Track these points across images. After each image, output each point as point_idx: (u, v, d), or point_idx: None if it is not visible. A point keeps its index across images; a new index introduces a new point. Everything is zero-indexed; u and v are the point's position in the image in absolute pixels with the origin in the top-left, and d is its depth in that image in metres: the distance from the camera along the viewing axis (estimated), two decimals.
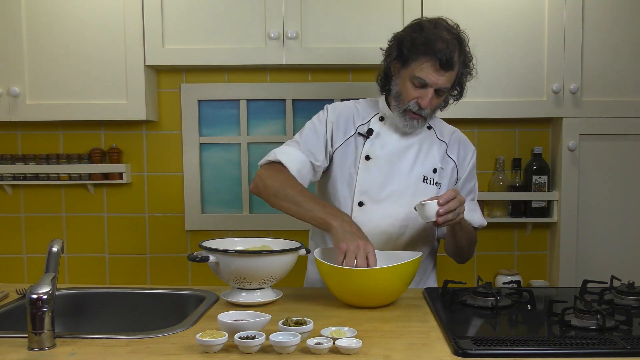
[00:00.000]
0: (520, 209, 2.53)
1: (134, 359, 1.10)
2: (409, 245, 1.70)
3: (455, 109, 2.32)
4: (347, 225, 1.46)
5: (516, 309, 1.44)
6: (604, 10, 2.32)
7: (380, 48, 1.72)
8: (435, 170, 1.71)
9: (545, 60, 2.33)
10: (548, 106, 2.34)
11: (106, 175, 2.53)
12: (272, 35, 2.27)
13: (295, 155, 1.66)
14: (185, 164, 2.57)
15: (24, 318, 1.17)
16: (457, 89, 1.70)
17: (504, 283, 2.34)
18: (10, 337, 1.23)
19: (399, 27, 2.33)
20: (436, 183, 1.71)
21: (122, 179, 2.53)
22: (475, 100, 2.34)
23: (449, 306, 1.44)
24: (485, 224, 1.78)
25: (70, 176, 2.52)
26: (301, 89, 2.55)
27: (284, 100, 2.56)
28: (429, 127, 1.76)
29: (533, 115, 2.36)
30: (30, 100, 2.34)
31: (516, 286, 1.54)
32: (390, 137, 1.70)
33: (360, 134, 1.71)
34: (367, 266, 1.40)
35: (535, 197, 2.47)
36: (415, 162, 1.70)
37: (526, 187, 2.50)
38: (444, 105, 1.73)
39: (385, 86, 1.73)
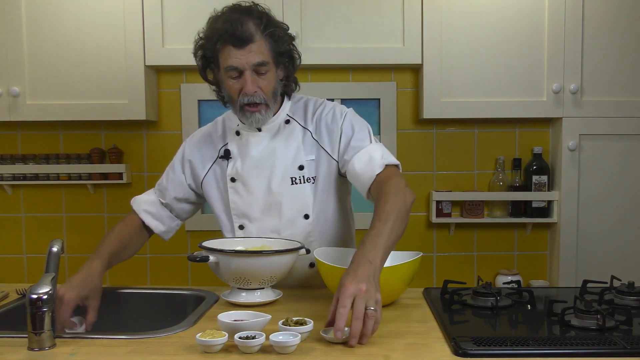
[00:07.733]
0: (520, 209, 2.53)
1: (134, 359, 1.10)
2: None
3: (455, 109, 2.35)
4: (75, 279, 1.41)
5: (516, 309, 1.43)
6: (604, 10, 2.32)
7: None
8: (301, 167, 1.60)
9: (545, 60, 2.33)
10: (548, 106, 2.34)
11: (106, 175, 2.53)
12: None
13: (145, 199, 1.73)
14: None
15: (24, 318, 1.17)
16: (283, 58, 1.55)
17: (504, 283, 2.34)
18: (10, 337, 1.23)
19: (399, 27, 2.37)
20: (307, 179, 1.61)
21: (122, 179, 2.53)
22: (475, 100, 2.34)
23: (449, 306, 1.44)
24: (392, 160, 1.55)
25: (70, 176, 2.52)
26: (301, 88, 2.54)
27: None
28: (287, 122, 1.63)
29: (533, 115, 2.36)
30: (30, 100, 2.34)
31: (516, 286, 1.54)
32: (249, 151, 1.61)
33: (221, 157, 1.67)
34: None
35: (535, 197, 2.47)
36: (279, 167, 1.60)
37: (526, 187, 2.50)
38: (288, 82, 1.62)
39: (224, 98, 1.61)
